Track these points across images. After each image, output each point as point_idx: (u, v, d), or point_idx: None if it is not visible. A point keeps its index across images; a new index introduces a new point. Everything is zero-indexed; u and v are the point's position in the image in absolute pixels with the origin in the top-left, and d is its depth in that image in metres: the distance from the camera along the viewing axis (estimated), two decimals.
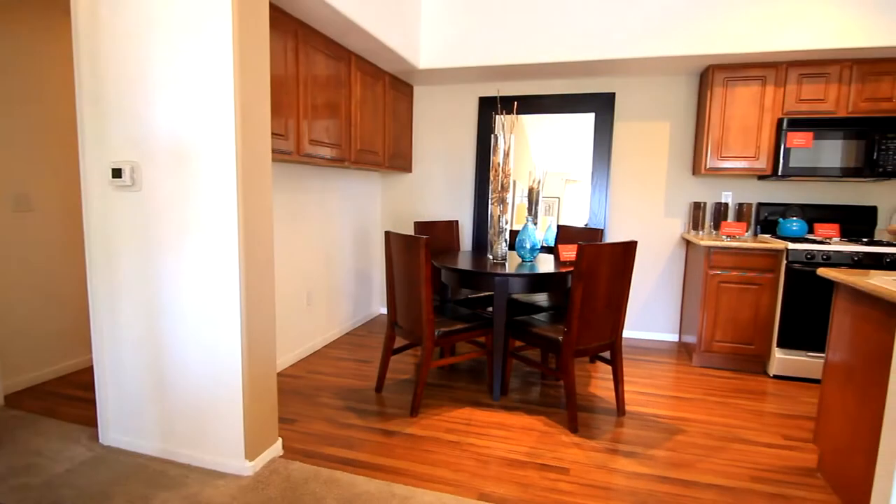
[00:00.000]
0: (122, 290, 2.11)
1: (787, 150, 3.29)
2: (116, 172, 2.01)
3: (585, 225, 4.07)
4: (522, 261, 3.10)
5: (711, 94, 3.45)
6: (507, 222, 3.09)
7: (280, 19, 2.55)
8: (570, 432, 2.45)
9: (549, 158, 4.15)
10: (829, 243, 3.13)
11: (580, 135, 4.05)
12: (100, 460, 2.12)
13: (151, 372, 2.13)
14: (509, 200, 3.08)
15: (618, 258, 2.45)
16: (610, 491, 1.98)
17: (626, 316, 2.89)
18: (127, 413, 2.20)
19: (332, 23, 2.78)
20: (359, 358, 3.45)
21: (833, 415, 2.04)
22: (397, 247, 2.66)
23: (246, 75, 1.88)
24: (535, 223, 4.19)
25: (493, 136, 3.03)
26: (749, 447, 2.35)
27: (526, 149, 4.17)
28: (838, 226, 3.42)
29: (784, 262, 3.16)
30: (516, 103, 4.07)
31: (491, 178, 3.06)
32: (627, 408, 2.75)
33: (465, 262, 2.99)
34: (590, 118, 4.00)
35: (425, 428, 2.46)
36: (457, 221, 3.87)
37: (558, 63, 3.53)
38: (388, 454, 2.22)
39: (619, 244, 2.43)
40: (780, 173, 3.32)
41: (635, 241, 2.52)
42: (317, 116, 2.93)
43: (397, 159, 4.11)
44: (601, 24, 3.36)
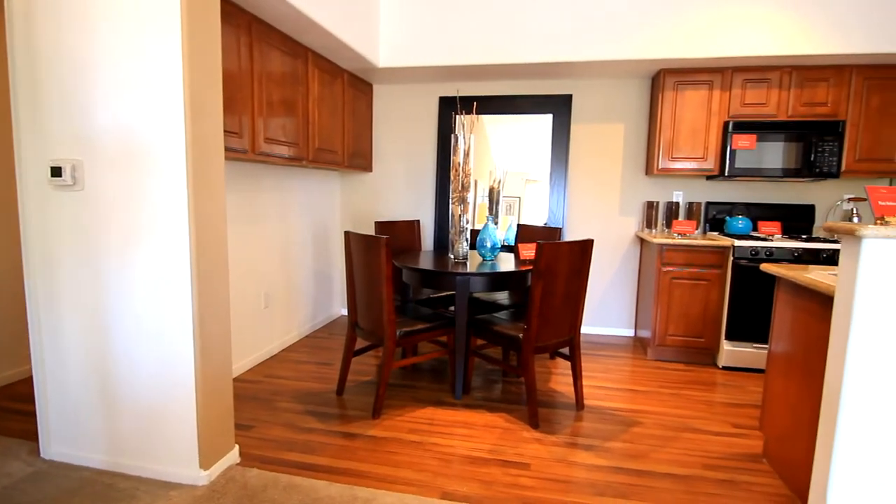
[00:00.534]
0: (63, 296, 2.00)
1: (732, 152, 3.45)
2: (56, 171, 1.90)
3: (545, 224, 4.14)
4: (483, 260, 3.12)
5: (663, 97, 3.58)
6: (468, 222, 3.10)
7: (232, 13, 2.47)
8: (532, 428, 2.49)
9: (510, 158, 4.20)
10: (771, 240, 3.30)
11: (539, 135, 4.12)
12: (42, 475, 1.99)
13: (97, 381, 2.02)
14: (470, 200, 3.10)
15: (575, 256, 2.51)
16: (570, 484, 2.03)
17: (583, 312, 2.96)
18: (71, 425, 2.08)
19: (288, 18, 2.71)
20: (319, 360, 3.39)
21: (776, 403, 2.16)
22: (357, 247, 2.63)
23: (196, 69, 1.81)
24: (496, 222, 4.23)
25: (453, 135, 3.04)
26: (700, 436, 2.45)
27: (487, 149, 4.21)
28: (780, 223, 3.61)
29: (731, 258, 3.31)
30: (476, 103, 4.10)
31: (452, 177, 3.06)
32: (586, 402, 2.82)
33: (426, 262, 2.99)
34: (548, 119, 4.08)
35: (387, 429, 2.44)
36: (418, 221, 3.86)
37: (517, 64, 3.58)
38: (349, 457, 2.19)
39: (576, 243, 2.48)
40: (726, 174, 3.48)
41: (592, 240, 2.58)
42: (273, 114, 2.85)
43: (357, 158, 4.06)
44: (559, 27, 3.42)
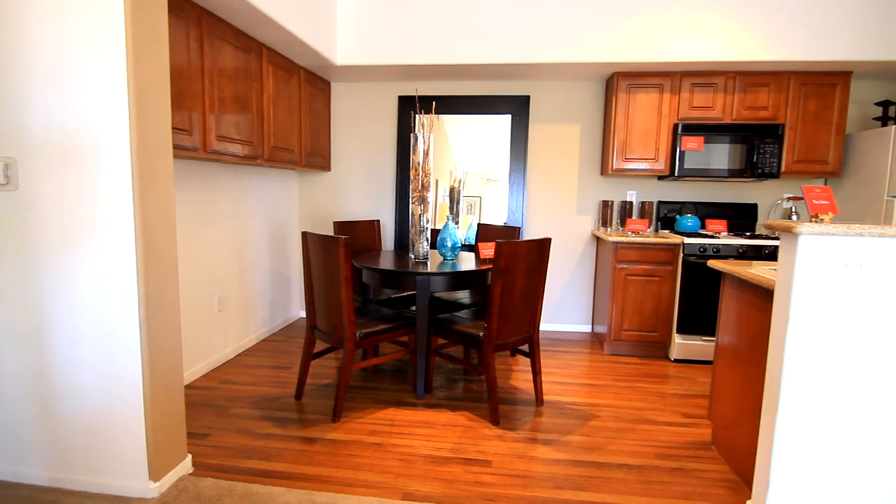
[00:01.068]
0: None
1: (682, 153, 3.59)
2: None
3: (505, 223, 4.19)
4: (444, 259, 3.13)
5: (616, 99, 3.69)
6: (428, 221, 3.10)
7: (181, 6, 2.37)
8: (493, 425, 2.51)
9: (470, 158, 4.22)
10: (718, 237, 3.46)
11: (499, 135, 4.16)
12: None
13: (36, 391, 1.90)
14: (430, 200, 3.10)
15: (534, 255, 2.55)
16: (530, 479, 2.06)
17: (542, 309, 3.01)
18: (7, 439, 1.95)
19: (239, 12, 2.63)
20: (277, 364, 3.31)
21: (723, 393, 2.26)
22: (315, 247, 2.58)
23: (142, 63, 1.73)
24: (457, 222, 4.25)
25: (412, 135, 3.02)
26: (653, 427, 2.54)
27: (447, 148, 4.21)
28: (726, 221, 3.79)
29: (681, 255, 3.45)
30: (435, 103, 4.10)
31: (411, 177, 3.05)
32: (545, 397, 2.87)
33: (386, 262, 2.97)
34: (507, 119, 4.13)
35: (348, 432, 2.41)
36: (378, 221, 3.83)
37: (475, 65, 3.60)
38: (309, 462, 2.15)
39: (534, 241, 2.52)
40: (676, 174, 3.62)
41: (549, 238, 2.63)
42: (225, 111, 2.76)
43: (315, 157, 3.99)
44: (516, 29, 3.47)
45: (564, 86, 4.07)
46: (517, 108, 4.09)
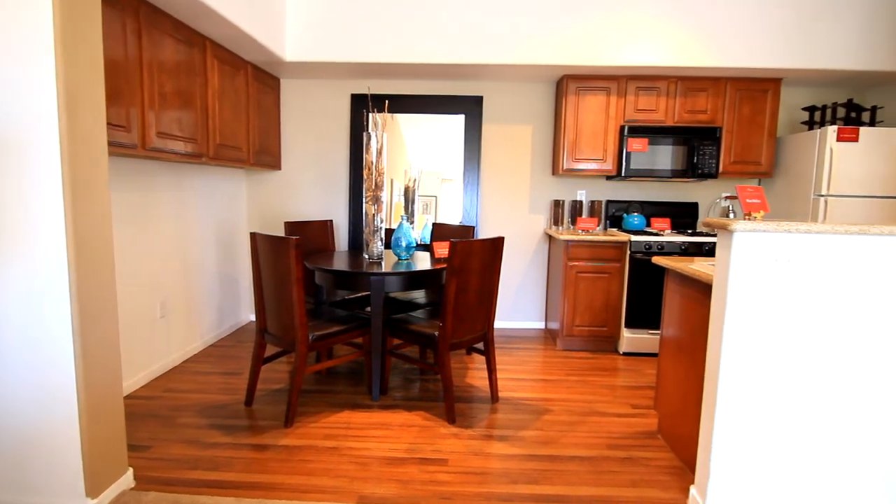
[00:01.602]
0: None
1: (628, 154, 3.73)
2: None
3: (460, 223, 4.21)
4: (399, 259, 3.11)
5: (566, 101, 3.78)
6: (382, 221, 3.07)
7: None
8: (449, 424, 2.52)
9: (425, 157, 4.22)
10: (662, 235, 3.61)
11: (453, 135, 4.18)
12: None
13: None
14: (384, 199, 3.07)
15: (487, 253, 2.57)
16: (485, 475, 2.08)
17: (496, 308, 3.05)
18: None
19: (180, 4, 2.52)
20: (226, 370, 3.19)
21: (668, 383, 2.36)
22: (265, 249, 2.51)
23: (72, 54, 1.63)
24: (412, 221, 4.24)
25: (365, 133, 2.99)
26: (604, 418, 2.62)
27: (402, 148, 4.19)
28: (670, 220, 3.96)
29: (628, 252, 3.58)
30: (388, 102, 4.08)
31: (365, 176, 3.02)
32: (501, 394, 2.91)
33: (339, 263, 2.92)
34: (460, 119, 4.15)
35: (301, 437, 2.36)
36: (331, 221, 3.76)
37: (428, 64, 3.60)
38: (260, 470, 2.09)
39: (488, 240, 2.55)
40: (623, 174, 3.75)
41: (502, 237, 2.66)
42: (166, 106, 2.64)
43: (264, 156, 3.87)
44: (469, 30, 3.49)
45: (516, 87, 4.13)
46: (470, 108, 4.12)
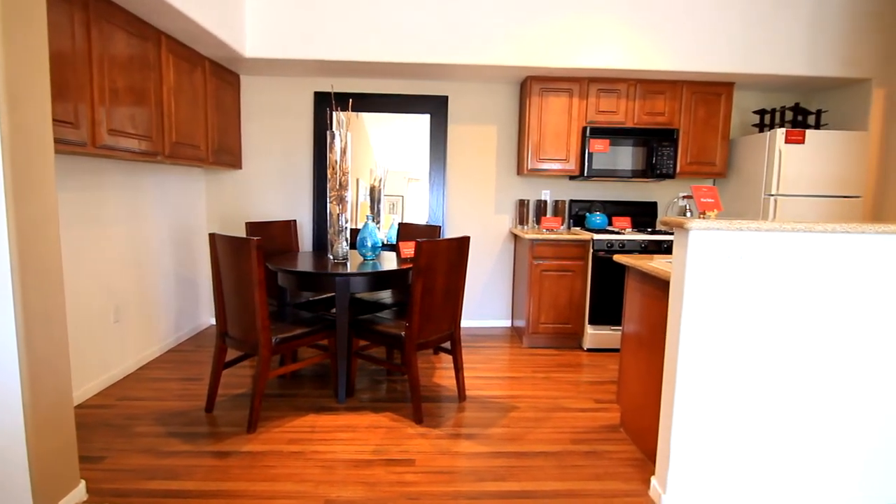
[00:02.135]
0: None
1: (590, 155, 3.81)
2: None
3: (426, 222, 4.21)
4: (364, 259, 3.08)
5: (530, 102, 3.83)
6: (347, 221, 3.04)
7: None
8: (416, 424, 2.51)
9: (391, 157, 4.19)
10: (623, 234, 3.70)
11: (419, 134, 4.17)
12: None
13: None
14: (349, 199, 3.03)
15: (453, 253, 2.58)
16: (453, 474, 2.08)
17: (463, 307, 3.06)
18: None
19: None
20: (185, 376, 3.09)
21: (629, 378, 2.42)
22: (225, 250, 2.44)
23: (14, 46, 1.54)
24: (378, 221, 4.21)
25: (328, 132, 2.95)
26: (568, 414, 2.67)
27: (368, 147, 4.15)
28: (630, 219, 4.07)
29: (591, 250, 3.66)
30: (351, 100, 4.03)
31: (329, 176, 2.98)
32: (468, 393, 2.92)
33: (303, 264, 2.87)
34: (426, 119, 4.14)
35: (265, 442, 2.30)
36: (294, 221, 3.69)
37: (392, 63, 3.58)
38: (222, 477, 2.03)
39: (453, 240, 2.55)
40: (585, 174, 3.83)
41: (468, 237, 2.68)
42: (118, 103, 2.53)
43: (224, 154, 3.77)
44: (434, 30, 3.49)
45: (481, 87, 4.16)
46: (436, 108, 4.12)
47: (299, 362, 2.64)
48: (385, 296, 3.60)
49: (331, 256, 3.05)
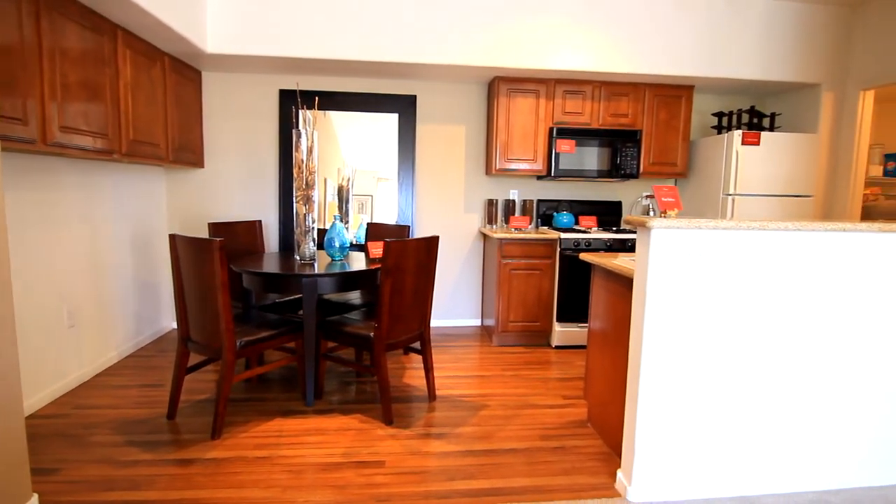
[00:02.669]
0: None
1: (557, 155, 3.86)
2: None
3: (396, 222, 4.19)
4: (332, 260, 3.04)
5: (497, 102, 3.86)
6: (314, 221, 2.99)
7: None
8: (386, 425, 2.50)
9: (360, 156, 4.15)
10: (589, 233, 3.78)
11: (387, 134, 4.14)
12: None
13: None
14: (316, 198, 2.99)
15: (422, 253, 2.58)
16: (424, 474, 2.08)
17: (432, 306, 3.06)
18: None
19: None
20: (145, 383, 2.99)
21: (595, 374, 2.47)
22: (186, 252, 2.37)
23: None
24: (346, 221, 4.17)
25: (294, 131, 2.90)
26: (537, 410, 2.71)
27: (336, 146, 4.10)
28: (596, 218, 4.15)
29: (558, 249, 3.71)
30: (318, 98, 3.98)
31: (295, 175, 2.93)
32: (438, 392, 2.92)
33: (269, 265, 2.81)
34: (394, 118, 4.12)
35: (230, 448, 2.25)
36: (260, 222, 3.61)
37: (359, 61, 3.54)
38: (185, 486, 1.97)
39: (422, 239, 2.55)
40: (552, 174, 3.89)
41: (437, 236, 2.68)
42: (71, 98, 2.42)
43: (185, 153, 3.65)
44: (402, 29, 3.47)
45: (449, 87, 4.16)
46: (404, 107, 4.11)
47: (265, 365, 2.59)
48: (354, 297, 3.56)
49: (297, 257, 3.00)
